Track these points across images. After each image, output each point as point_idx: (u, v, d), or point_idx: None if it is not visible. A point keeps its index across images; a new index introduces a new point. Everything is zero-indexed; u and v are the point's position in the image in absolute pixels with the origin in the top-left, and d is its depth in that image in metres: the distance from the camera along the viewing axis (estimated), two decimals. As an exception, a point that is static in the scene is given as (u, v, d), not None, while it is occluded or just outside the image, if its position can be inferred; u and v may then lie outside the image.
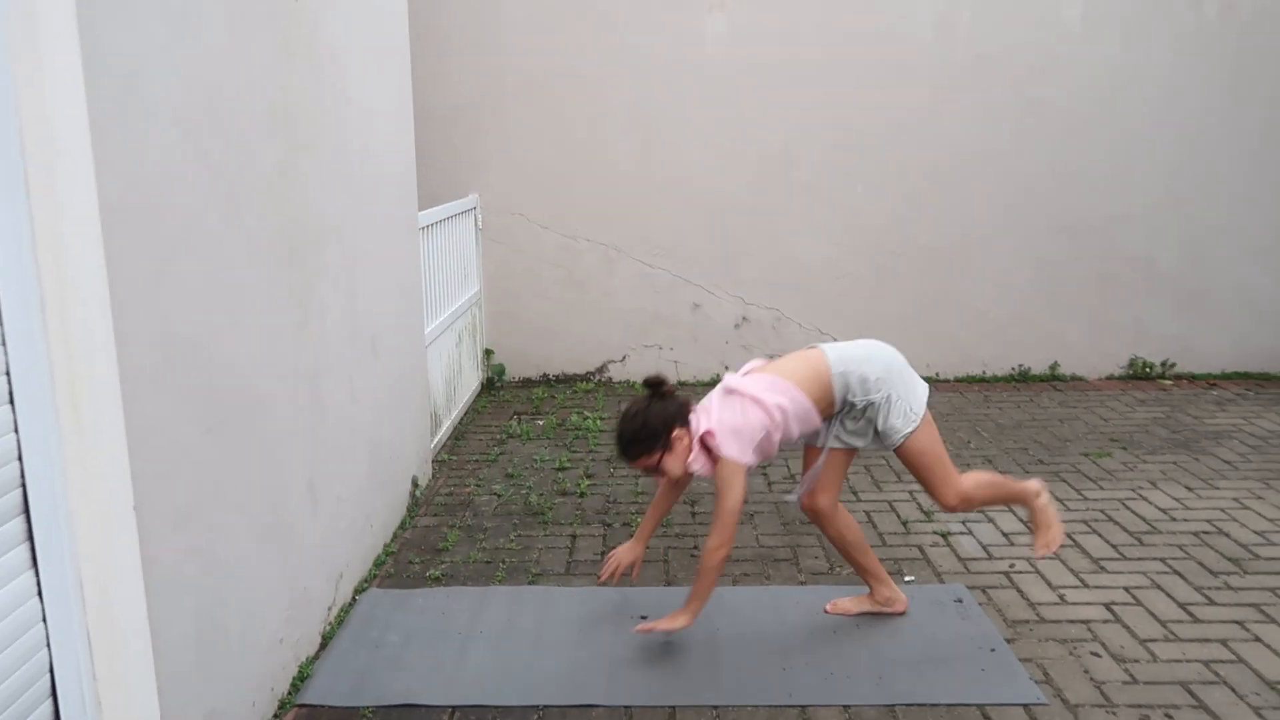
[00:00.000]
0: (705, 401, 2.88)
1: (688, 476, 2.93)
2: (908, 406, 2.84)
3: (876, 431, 2.88)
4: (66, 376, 1.72)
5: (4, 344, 1.64)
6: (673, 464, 2.83)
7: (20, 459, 1.68)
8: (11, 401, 1.66)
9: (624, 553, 3.14)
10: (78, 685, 1.77)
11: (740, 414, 2.78)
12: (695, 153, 5.86)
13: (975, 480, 2.96)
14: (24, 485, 1.69)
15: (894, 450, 2.90)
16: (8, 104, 1.62)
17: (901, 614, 3.12)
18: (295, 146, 2.83)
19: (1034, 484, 3.01)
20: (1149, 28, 5.70)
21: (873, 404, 2.84)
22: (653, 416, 2.81)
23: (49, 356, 1.70)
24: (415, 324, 4.27)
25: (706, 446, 2.81)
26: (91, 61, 1.78)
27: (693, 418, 2.84)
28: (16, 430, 1.67)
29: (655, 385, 2.86)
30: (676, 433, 2.81)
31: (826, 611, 3.14)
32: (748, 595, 3.29)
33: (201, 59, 2.24)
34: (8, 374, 1.65)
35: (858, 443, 2.93)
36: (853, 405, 2.86)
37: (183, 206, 2.15)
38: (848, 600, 3.17)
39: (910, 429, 2.84)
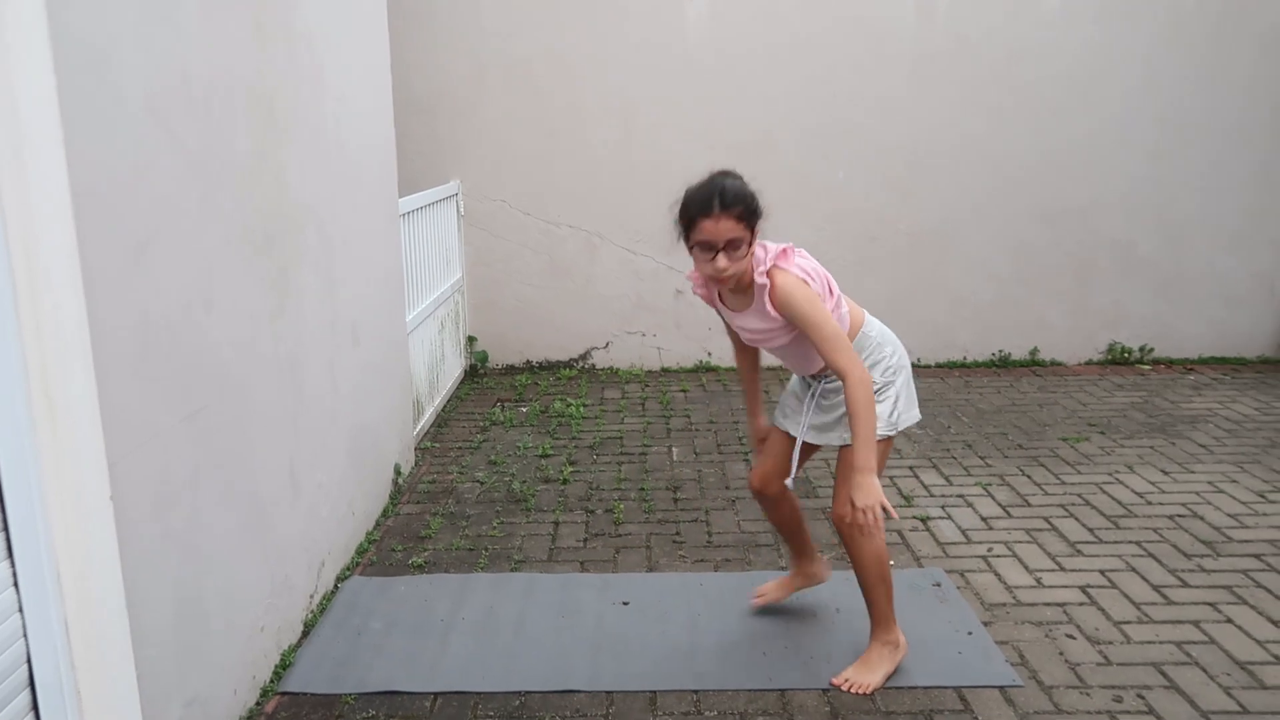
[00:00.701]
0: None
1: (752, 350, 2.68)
2: (894, 413, 2.62)
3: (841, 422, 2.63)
4: (39, 365, 1.70)
5: (-24, 333, 1.63)
6: (746, 259, 2.43)
7: (-6, 449, 1.66)
8: (-16, 391, 1.65)
9: (760, 432, 2.91)
10: (56, 675, 1.77)
11: (813, 268, 2.53)
12: (676, 138, 5.85)
13: (878, 545, 2.64)
14: (-2, 476, 1.68)
15: (840, 446, 2.67)
16: (-23, 89, 1.60)
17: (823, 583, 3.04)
18: (272, 130, 2.81)
19: (902, 640, 2.76)
20: (1127, 13, 5.72)
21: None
22: (759, 203, 2.44)
23: (21, 345, 1.68)
24: (397, 311, 4.25)
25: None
26: (60, 41, 1.76)
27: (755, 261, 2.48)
28: (-11, 420, 1.66)
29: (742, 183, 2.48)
30: (758, 229, 2.44)
31: (754, 604, 3.06)
32: (728, 581, 3.31)
33: (174, 40, 2.22)
34: (-20, 363, 1.64)
35: (821, 439, 2.72)
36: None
37: (157, 192, 2.13)
38: (771, 585, 3.04)
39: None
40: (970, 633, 2.94)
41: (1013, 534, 3.66)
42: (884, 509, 2.39)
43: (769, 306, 2.48)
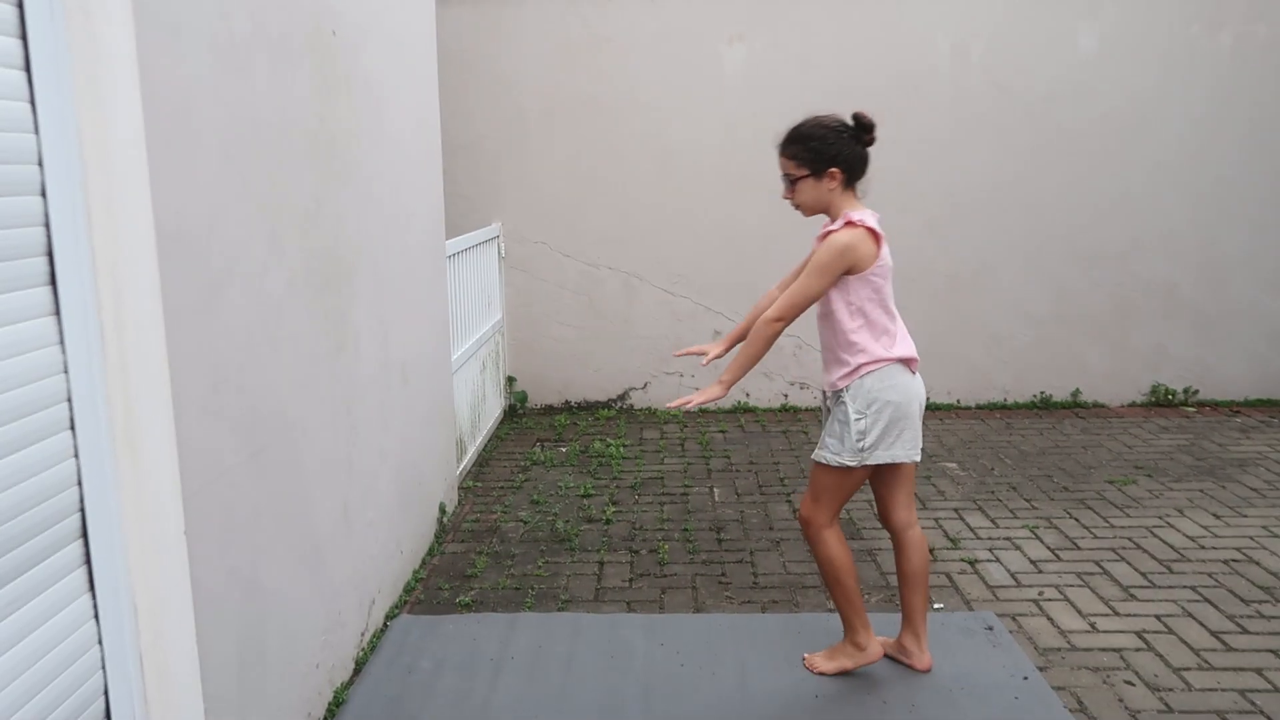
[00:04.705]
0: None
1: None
2: (864, 443, 2.67)
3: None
4: (122, 403, 1.75)
5: (66, 371, 1.68)
6: (805, 193, 2.71)
7: (80, 484, 1.71)
8: (73, 428, 1.70)
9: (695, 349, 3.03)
10: (130, 708, 1.79)
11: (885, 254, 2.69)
12: (713, 181, 5.92)
13: (826, 552, 2.80)
14: (83, 510, 1.72)
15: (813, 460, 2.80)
16: (71, 134, 1.67)
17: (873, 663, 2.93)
18: (331, 176, 2.88)
19: (872, 648, 2.88)
20: (1165, 55, 5.74)
21: (844, 406, 2.69)
22: (834, 139, 2.66)
23: (106, 383, 1.73)
24: (443, 351, 4.31)
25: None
26: (148, 94, 1.83)
27: (852, 210, 2.68)
28: (77, 456, 1.70)
29: (865, 124, 2.69)
30: (833, 170, 2.66)
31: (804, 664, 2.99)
32: (777, 623, 3.29)
33: (246, 91, 2.30)
34: (69, 400, 1.69)
35: (830, 458, 2.74)
36: (839, 396, 2.71)
37: (230, 235, 2.20)
38: (819, 656, 2.98)
39: (836, 459, 2.71)
40: (1026, 678, 2.90)
41: (1063, 577, 3.61)
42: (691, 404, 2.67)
43: (816, 241, 2.73)
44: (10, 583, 1.56)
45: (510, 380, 6.13)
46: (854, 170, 2.71)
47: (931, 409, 6.07)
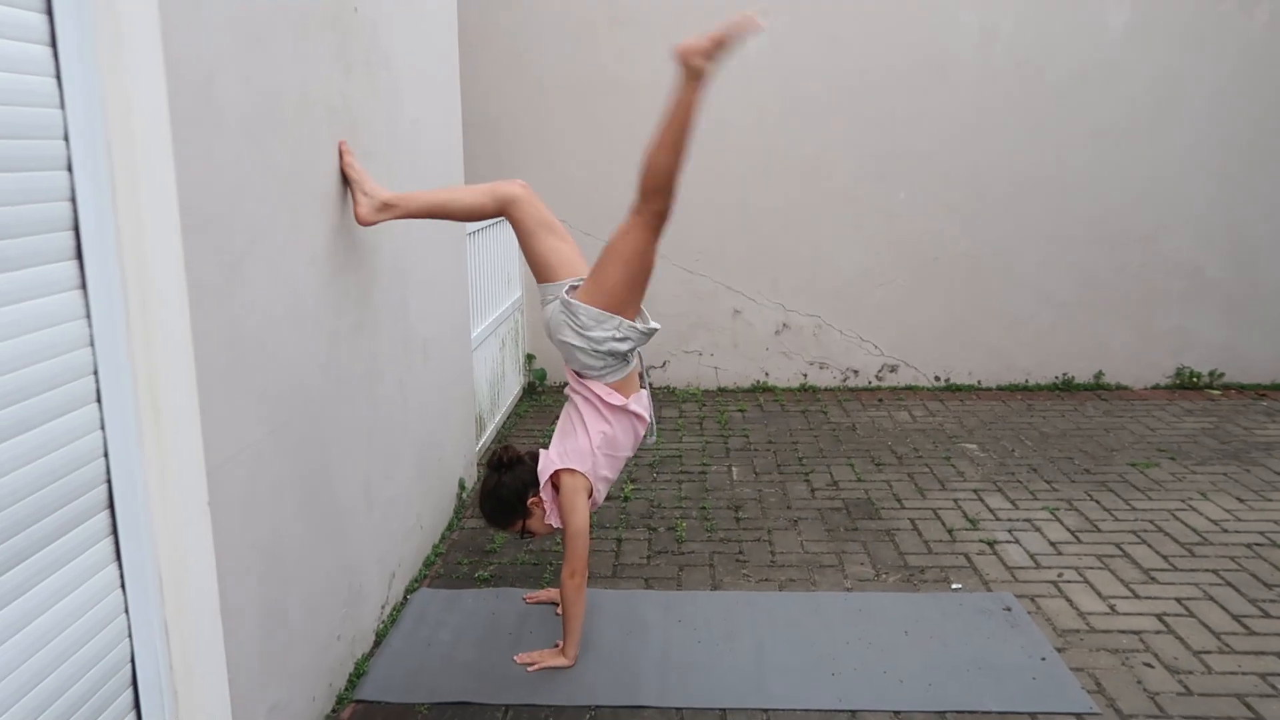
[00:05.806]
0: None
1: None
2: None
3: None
4: (147, 376, 1.78)
5: (92, 345, 1.71)
6: (536, 526, 2.99)
7: (106, 455, 1.74)
8: (99, 400, 1.72)
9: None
10: (156, 675, 1.83)
11: (576, 419, 2.91)
12: (735, 161, 5.88)
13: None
14: (109, 481, 1.75)
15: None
16: (96, 110, 1.68)
17: None
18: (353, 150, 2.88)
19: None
20: (1197, 35, 5.64)
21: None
22: (505, 492, 2.94)
23: (131, 357, 1.75)
24: (462, 328, 4.32)
25: (555, 485, 2.91)
26: (172, 70, 1.84)
27: (544, 471, 2.91)
28: (103, 428, 1.73)
29: (496, 464, 2.96)
30: (532, 500, 2.94)
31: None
32: (794, 601, 3.30)
33: (268, 68, 2.30)
34: (95, 374, 1.71)
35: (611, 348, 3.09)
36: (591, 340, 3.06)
37: (251, 212, 2.21)
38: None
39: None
40: (1044, 658, 2.90)
41: (1083, 559, 3.60)
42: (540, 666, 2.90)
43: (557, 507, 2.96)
44: (39, 552, 1.59)
45: (529, 358, 6.15)
46: (535, 482, 2.94)
47: (952, 390, 6.05)
